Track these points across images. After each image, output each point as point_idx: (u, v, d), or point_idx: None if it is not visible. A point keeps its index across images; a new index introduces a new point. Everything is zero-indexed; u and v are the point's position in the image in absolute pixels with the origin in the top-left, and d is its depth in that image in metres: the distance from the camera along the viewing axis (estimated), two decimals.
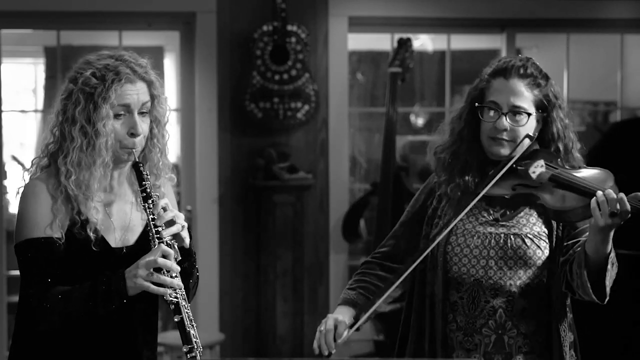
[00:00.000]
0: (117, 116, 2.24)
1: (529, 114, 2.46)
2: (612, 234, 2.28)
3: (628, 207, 2.25)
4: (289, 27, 4.94)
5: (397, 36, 5.05)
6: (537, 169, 2.44)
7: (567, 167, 2.48)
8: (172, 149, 2.49)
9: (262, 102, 4.94)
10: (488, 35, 5.79)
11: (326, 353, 2.41)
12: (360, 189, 6.10)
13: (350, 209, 5.18)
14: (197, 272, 2.40)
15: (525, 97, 2.46)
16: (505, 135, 2.46)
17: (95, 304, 2.16)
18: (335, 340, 2.42)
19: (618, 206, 2.24)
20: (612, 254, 2.32)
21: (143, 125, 2.27)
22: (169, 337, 4.65)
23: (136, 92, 2.24)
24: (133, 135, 2.24)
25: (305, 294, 5.08)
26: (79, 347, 2.27)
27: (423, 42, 6.61)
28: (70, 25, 5.26)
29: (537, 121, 2.50)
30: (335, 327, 2.44)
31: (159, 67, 2.35)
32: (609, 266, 2.31)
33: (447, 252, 2.50)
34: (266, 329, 4.98)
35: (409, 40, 4.94)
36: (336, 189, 5.19)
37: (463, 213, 2.41)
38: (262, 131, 5.04)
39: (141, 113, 2.27)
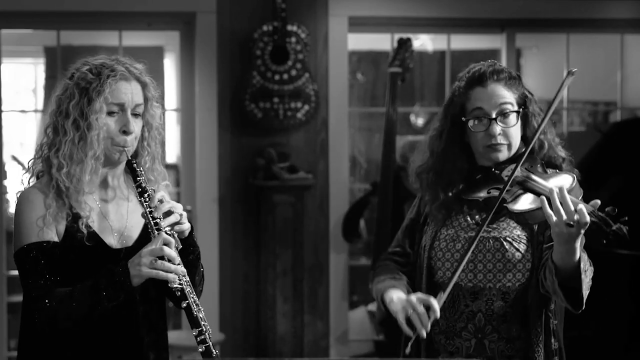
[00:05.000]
0: (110, 114, 2.26)
1: (517, 112, 2.46)
2: (577, 244, 2.20)
3: (587, 218, 2.14)
4: (289, 27, 4.94)
5: (397, 36, 5.04)
6: (510, 171, 2.40)
7: (543, 171, 2.44)
8: (172, 149, 2.49)
9: (262, 102, 4.94)
10: (488, 35, 5.79)
11: (424, 334, 2.31)
12: (360, 189, 6.10)
13: (350, 209, 5.18)
14: (202, 266, 2.41)
15: (508, 96, 2.47)
16: (500, 140, 2.45)
17: (100, 298, 2.16)
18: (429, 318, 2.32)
19: (576, 217, 2.14)
20: (583, 263, 2.24)
21: (135, 126, 2.29)
22: (170, 336, 4.63)
23: (130, 92, 2.27)
24: (125, 132, 2.26)
25: (305, 294, 5.07)
26: (84, 350, 2.27)
27: (423, 42, 6.61)
28: (70, 25, 5.26)
29: (520, 119, 2.49)
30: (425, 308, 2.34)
31: (159, 67, 2.36)
32: (583, 276, 2.24)
33: (432, 258, 2.52)
34: (266, 329, 4.98)
35: (409, 40, 4.94)
36: (336, 189, 5.18)
37: (473, 246, 2.38)
38: (262, 131, 5.04)
39: (134, 114, 2.29)
